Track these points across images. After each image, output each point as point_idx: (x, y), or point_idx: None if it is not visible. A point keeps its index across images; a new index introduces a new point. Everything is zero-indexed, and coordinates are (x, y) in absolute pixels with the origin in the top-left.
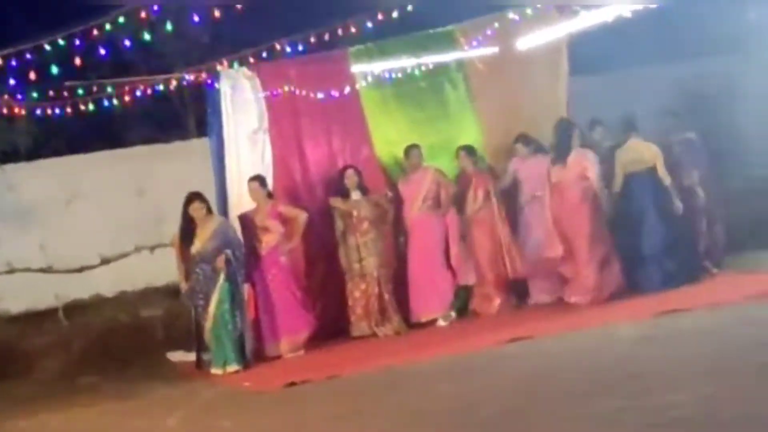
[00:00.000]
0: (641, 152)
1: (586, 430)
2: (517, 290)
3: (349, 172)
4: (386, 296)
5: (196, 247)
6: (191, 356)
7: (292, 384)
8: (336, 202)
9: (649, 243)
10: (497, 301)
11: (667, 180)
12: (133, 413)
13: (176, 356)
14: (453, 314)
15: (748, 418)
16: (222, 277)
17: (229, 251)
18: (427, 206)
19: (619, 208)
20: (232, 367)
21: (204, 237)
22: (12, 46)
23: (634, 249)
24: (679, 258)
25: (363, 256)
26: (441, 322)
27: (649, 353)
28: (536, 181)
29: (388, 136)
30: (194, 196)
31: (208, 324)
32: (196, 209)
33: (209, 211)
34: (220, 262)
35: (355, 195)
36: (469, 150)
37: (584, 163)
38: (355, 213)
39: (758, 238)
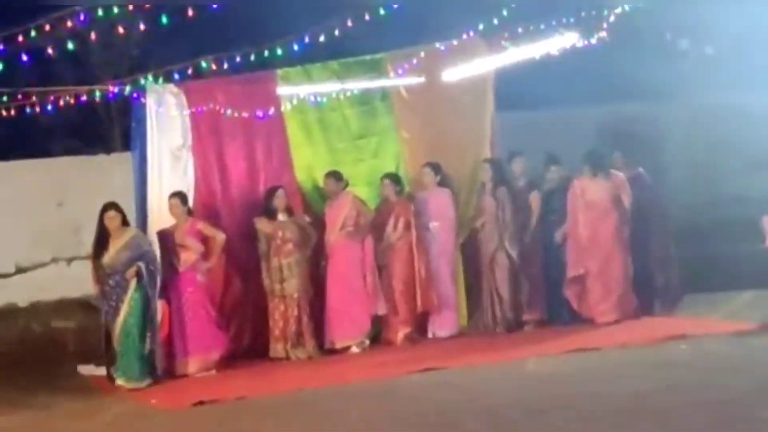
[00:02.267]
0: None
1: None
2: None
3: (280, 192)
4: (305, 319)
5: (109, 256)
6: (102, 370)
7: (200, 403)
8: (261, 222)
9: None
10: (404, 332)
11: None
12: (34, 426)
13: (86, 369)
14: (367, 342)
15: None
16: (132, 288)
17: (142, 263)
18: (346, 232)
19: None
20: (135, 384)
21: (116, 247)
22: None
23: None
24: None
25: (285, 277)
26: (354, 349)
27: (554, 391)
28: (434, 212)
29: (308, 160)
30: (109, 206)
31: (115, 335)
32: (111, 218)
33: (125, 222)
34: (130, 274)
35: (282, 216)
36: (393, 178)
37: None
38: (280, 234)
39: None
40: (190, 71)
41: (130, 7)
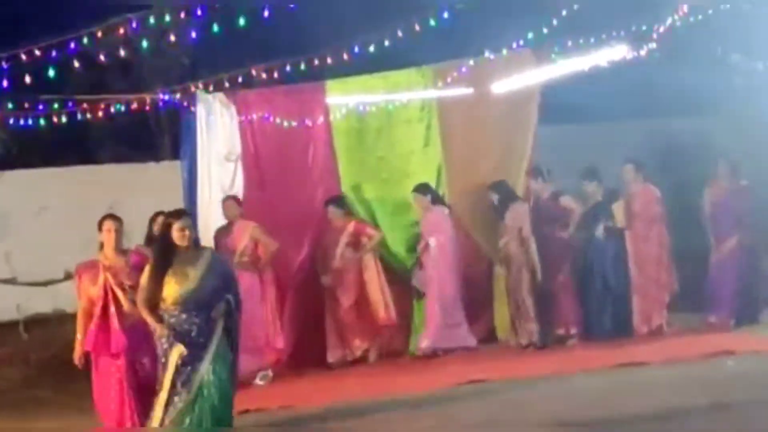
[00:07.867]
0: None
1: None
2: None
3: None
4: None
5: (190, 285)
6: None
7: (246, 411)
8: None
9: None
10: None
11: None
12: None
13: None
14: (269, 373)
15: None
16: (219, 330)
17: (230, 296)
18: (241, 263)
19: None
20: None
21: (197, 273)
22: None
23: None
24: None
25: None
26: (257, 382)
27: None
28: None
29: (354, 171)
30: (182, 214)
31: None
32: (183, 233)
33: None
34: (218, 310)
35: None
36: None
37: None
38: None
39: None
40: (240, 80)
41: (182, 15)
